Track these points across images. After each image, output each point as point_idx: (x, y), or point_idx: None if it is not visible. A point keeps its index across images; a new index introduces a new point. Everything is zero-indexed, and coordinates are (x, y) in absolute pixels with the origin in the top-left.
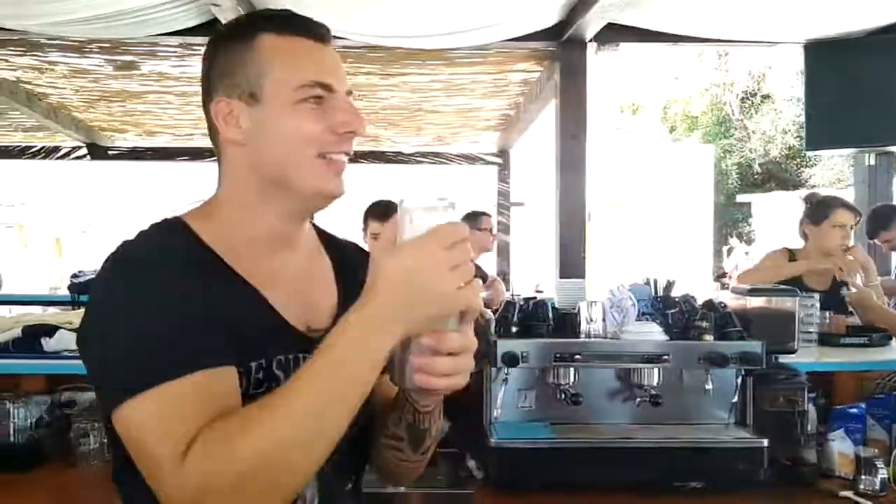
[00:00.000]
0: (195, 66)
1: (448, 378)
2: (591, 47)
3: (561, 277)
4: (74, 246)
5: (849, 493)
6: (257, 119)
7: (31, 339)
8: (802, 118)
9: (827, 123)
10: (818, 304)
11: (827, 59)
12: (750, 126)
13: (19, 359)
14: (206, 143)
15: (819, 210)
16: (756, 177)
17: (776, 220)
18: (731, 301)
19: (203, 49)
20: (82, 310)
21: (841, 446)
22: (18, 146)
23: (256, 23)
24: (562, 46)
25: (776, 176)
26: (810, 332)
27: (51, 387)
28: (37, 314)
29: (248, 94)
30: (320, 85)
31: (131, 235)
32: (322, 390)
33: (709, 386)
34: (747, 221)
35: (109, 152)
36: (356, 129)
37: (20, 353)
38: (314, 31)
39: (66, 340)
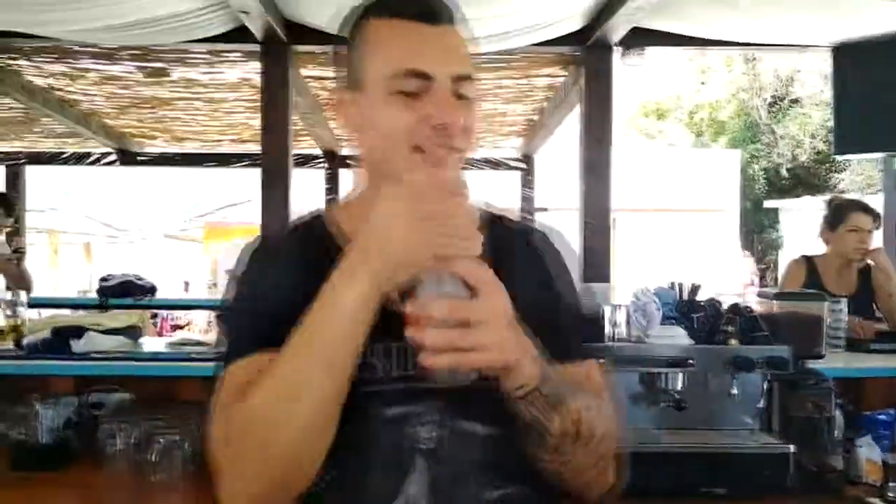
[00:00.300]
0: (224, 72)
1: (449, 355)
2: (617, 52)
3: (585, 282)
4: (104, 251)
5: (876, 501)
6: (360, 109)
7: (60, 340)
8: (831, 122)
9: (856, 128)
10: (846, 309)
11: (856, 62)
12: (778, 131)
13: (48, 359)
14: (234, 148)
15: (836, 214)
16: (784, 182)
17: (804, 225)
18: (757, 305)
19: (231, 56)
20: (111, 312)
21: (868, 453)
22: (50, 152)
23: (368, 6)
24: (587, 51)
25: (804, 181)
26: (838, 338)
27: (79, 388)
28: (66, 316)
29: (354, 83)
30: (415, 73)
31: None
32: (301, 349)
33: (734, 391)
34: (775, 227)
35: (139, 158)
36: (446, 121)
37: (49, 354)
38: (419, 9)
39: (94, 342)
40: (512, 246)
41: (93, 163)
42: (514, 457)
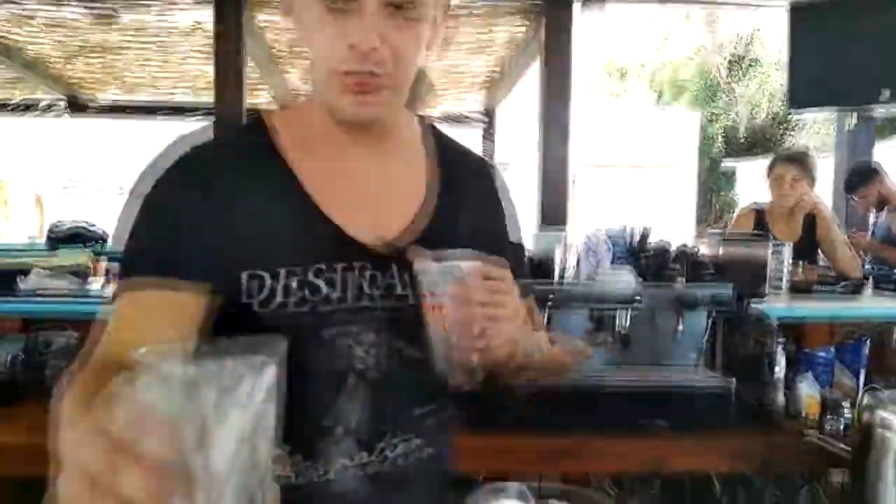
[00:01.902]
0: (176, 16)
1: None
2: (578, 4)
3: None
4: (56, 204)
5: (813, 432)
6: (297, 27)
7: (6, 279)
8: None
9: (811, 84)
10: (789, 253)
11: (811, 19)
12: (737, 90)
13: None
14: (188, 99)
15: (768, 167)
16: (742, 142)
17: (760, 185)
18: (705, 249)
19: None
20: (58, 252)
21: (808, 389)
22: None
23: None
24: (547, 3)
25: (761, 142)
26: (781, 281)
27: (26, 328)
28: (12, 256)
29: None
30: None
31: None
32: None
33: (679, 328)
34: (732, 187)
35: (89, 107)
36: (364, 46)
37: None
38: None
39: (41, 281)
40: (461, 164)
41: (41, 112)
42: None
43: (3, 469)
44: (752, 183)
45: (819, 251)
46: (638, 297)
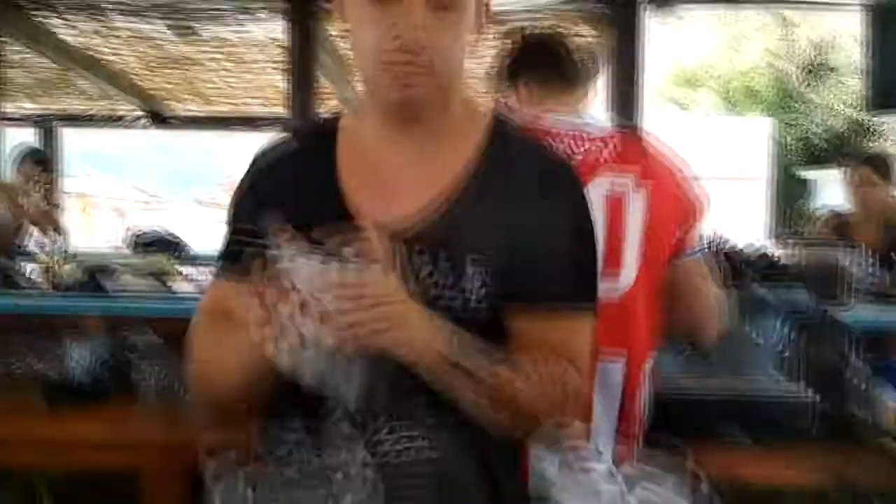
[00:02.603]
0: (252, 30)
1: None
2: (646, 9)
3: None
4: (135, 216)
5: None
6: (344, 19)
7: (93, 280)
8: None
9: (889, 84)
10: (874, 262)
11: (889, 20)
12: (813, 99)
13: (82, 299)
14: (260, 110)
15: (848, 170)
16: (818, 151)
17: (839, 195)
18: (782, 254)
19: (260, 13)
20: (141, 256)
21: (892, 401)
22: (81, 114)
23: None
24: (615, 8)
25: (839, 150)
26: (865, 290)
27: (111, 329)
28: (99, 258)
29: None
30: None
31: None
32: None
33: (758, 337)
34: (808, 197)
35: (168, 120)
36: (406, 35)
37: (83, 294)
38: None
39: (128, 283)
40: (519, 164)
41: (123, 125)
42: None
43: (90, 461)
44: (830, 192)
45: None
46: None
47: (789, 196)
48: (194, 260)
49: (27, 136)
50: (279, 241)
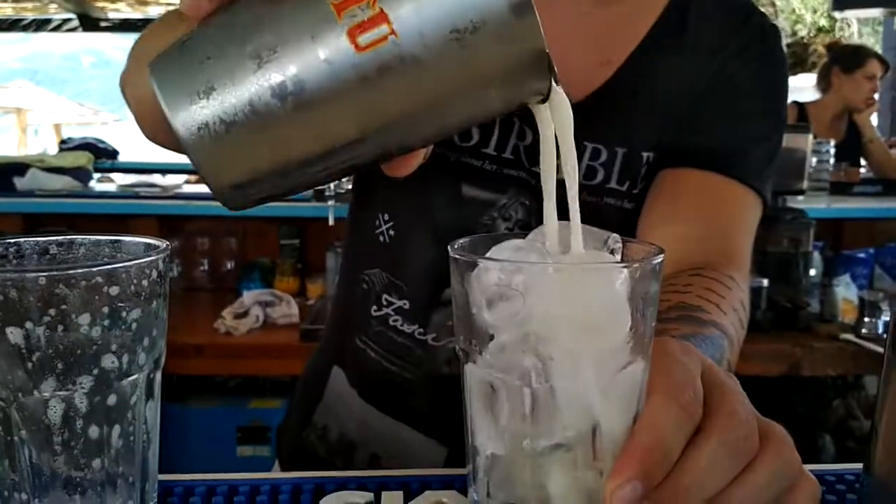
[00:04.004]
0: None
1: None
2: None
3: None
4: (75, 132)
5: (849, 336)
6: None
7: (2, 177)
8: None
9: None
10: (832, 151)
11: None
12: (778, 4)
13: None
14: None
15: (853, 57)
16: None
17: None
18: None
19: None
20: (58, 153)
21: (845, 292)
22: (9, 18)
23: None
24: None
25: (802, 58)
26: (822, 181)
27: (26, 229)
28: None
29: None
30: None
31: None
32: None
33: None
34: None
35: (101, 24)
36: None
37: None
38: None
39: (39, 180)
40: (709, 9)
41: (54, 29)
42: None
43: None
44: (795, 96)
45: (860, 155)
46: None
47: None
48: (124, 167)
49: None
50: None
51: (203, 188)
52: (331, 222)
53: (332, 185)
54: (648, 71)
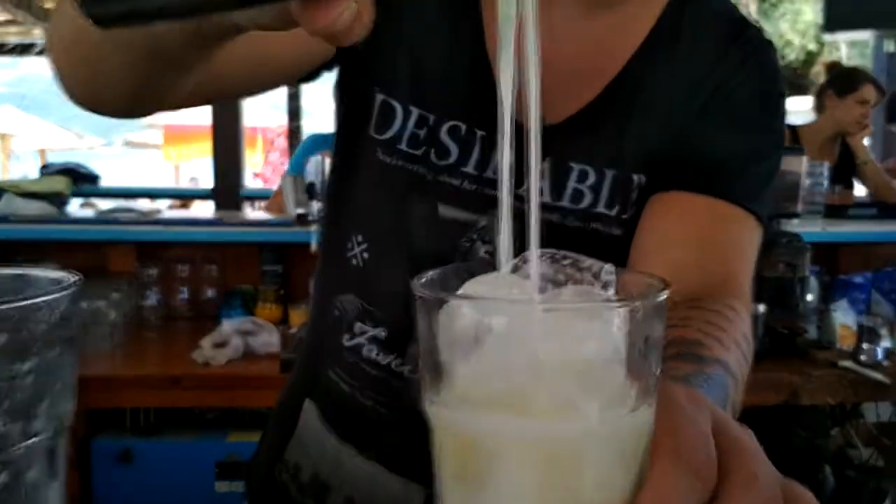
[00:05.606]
0: None
1: None
2: None
3: None
4: (60, 158)
5: (848, 363)
6: None
7: None
8: (821, 20)
9: (847, 4)
10: (827, 174)
11: None
12: (767, 28)
13: None
14: None
15: (848, 81)
16: None
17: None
18: None
19: None
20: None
21: (843, 318)
22: None
23: None
24: None
25: (792, 81)
26: (816, 203)
27: (1, 254)
28: None
29: None
30: None
31: None
32: None
33: None
34: None
35: None
36: None
37: None
38: None
39: (13, 205)
40: (701, 25)
41: (38, 53)
42: None
43: None
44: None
45: (854, 177)
46: None
47: None
48: (105, 192)
49: None
50: None
51: (184, 213)
52: (313, 248)
53: (314, 209)
54: (641, 84)
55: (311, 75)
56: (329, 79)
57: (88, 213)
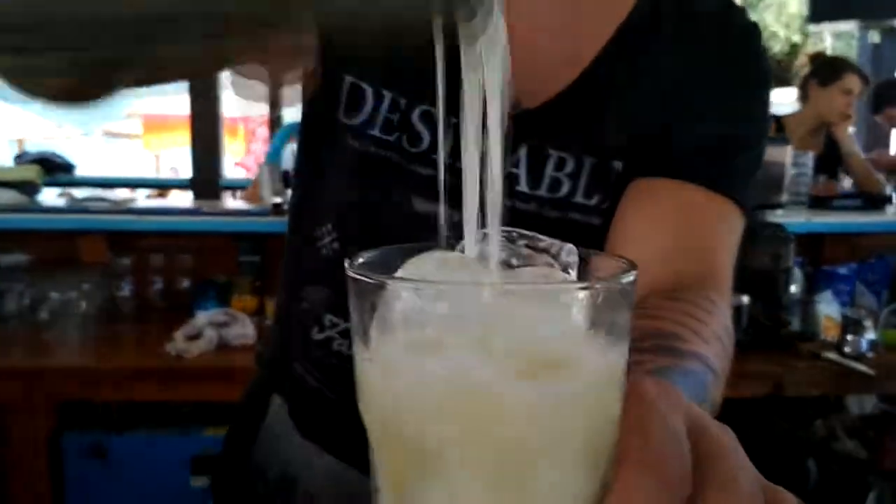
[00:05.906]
0: None
1: None
2: None
3: None
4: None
5: (832, 354)
6: None
7: None
8: (806, 11)
9: None
10: (811, 164)
11: None
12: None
13: None
14: None
15: (832, 71)
16: None
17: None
18: None
19: None
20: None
21: (827, 309)
22: None
23: None
24: None
25: (777, 74)
26: (800, 194)
27: None
28: None
29: None
30: None
31: None
32: None
33: None
34: None
35: None
36: None
37: None
38: None
39: None
40: (684, 13)
41: None
42: None
43: None
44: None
45: (839, 167)
46: None
47: None
48: (82, 181)
49: None
50: None
51: (158, 202)
52: None
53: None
54: (620, 68)
55: None
56: None
57: (61, 202)
